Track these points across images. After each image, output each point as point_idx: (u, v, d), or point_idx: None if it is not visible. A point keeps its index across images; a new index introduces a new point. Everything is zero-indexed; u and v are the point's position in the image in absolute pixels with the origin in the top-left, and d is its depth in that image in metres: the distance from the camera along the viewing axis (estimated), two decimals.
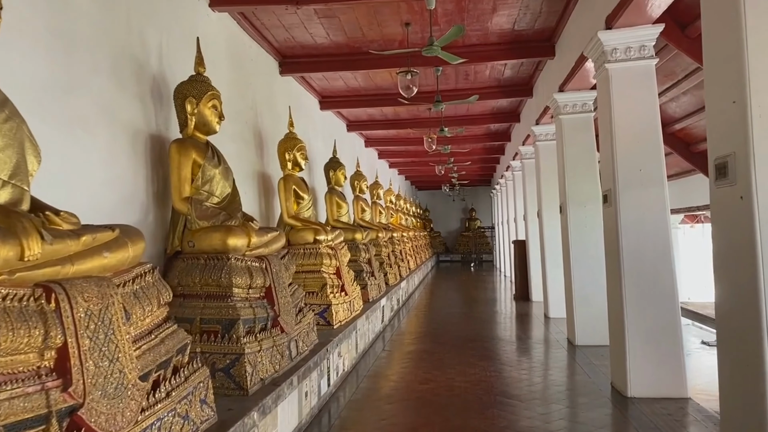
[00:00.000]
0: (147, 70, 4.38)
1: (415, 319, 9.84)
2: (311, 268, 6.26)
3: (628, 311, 5.03)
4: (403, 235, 14.96)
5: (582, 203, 7.27)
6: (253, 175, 6.59)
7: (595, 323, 7.10)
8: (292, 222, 6.60)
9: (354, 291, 7.03)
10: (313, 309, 5.97)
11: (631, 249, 5.04)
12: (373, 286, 8.56)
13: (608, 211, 5.32)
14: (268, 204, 7.03)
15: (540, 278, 10.89)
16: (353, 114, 11.76)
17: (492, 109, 11.77)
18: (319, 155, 9.56)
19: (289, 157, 6.73)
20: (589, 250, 7.18)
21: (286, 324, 4.30)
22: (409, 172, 22.00)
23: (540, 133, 9.61)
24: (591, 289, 7.12)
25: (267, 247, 4.44)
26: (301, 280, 6.23)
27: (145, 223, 4.17)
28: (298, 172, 6.89)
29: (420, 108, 11.08)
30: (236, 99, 6.23)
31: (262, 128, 7.02)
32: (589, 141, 7.35)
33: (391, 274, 10.68)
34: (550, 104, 7.77)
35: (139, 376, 2.46)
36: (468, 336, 7.99)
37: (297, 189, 6.71)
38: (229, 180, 4.50)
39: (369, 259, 8.90)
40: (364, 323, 7.00)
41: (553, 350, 7.07)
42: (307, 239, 6.41)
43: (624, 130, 5.12)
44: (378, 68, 7.73)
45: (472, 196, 28.66)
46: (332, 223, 8.79)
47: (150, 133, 4.36)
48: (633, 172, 5.07)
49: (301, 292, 5.08)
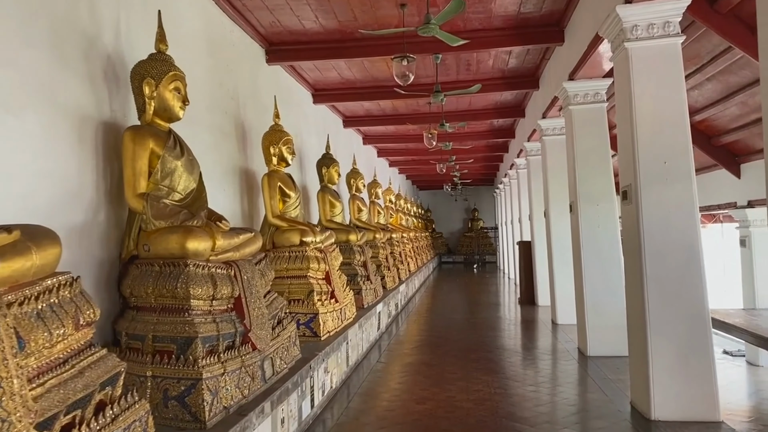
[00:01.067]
0: (99, 47, 3.80)
1: (414, 326, 9.25)
2: (297, 273, 5.68)
3: (651, 321, 4.44)
4: (402, 236, 14.37)
5: (594, 201, 6.67)
6: (234, 170, 6.01)
7: (609, 332, 6.51)
8: (276, 222, 6.01)
9: (346, 297, 6.45)
10: (298, 319, 5.40)
11: (654, 251, 4.45)
12: (369, 290, 7.98)
13: (628, 209, 4.72)
14: (252, 203, 6.45)
15: (547, 282, 10.31)
16: (349, 109, 11.17)
17: (495, 104, 11.17)
18: (312, 152, 8.98)
19: (274, 151, 6.15)
20: (603, 252, 6.59)
21: (260, 340, 3.72)
22: (410, 171, 21.41)
23: (547, 127, 9.01)
24: (604, 295, 6.53)
25: (238, 250, 3.86)
26: (285, 286, 5.66)
27: (93, 224, 3.59)
28: (285, 167, 6.31)
29: (419, 102, 10.51)
30: (214, 86, 5.65)
31: (246, 120, 6.44)
32: (602, 134, 6.74)
33: (389, 278, 10.09)
34: (558, 94, 7.17)
35: (37, 422, 1.87)
36: (471, 345, 7.40)
37: (283, 186, 6.13)
38: (194, 174, 3.91)
39: (364, 261, 8.31)
40: (356, 333, 6.42)
41: (562, 362, 6.47)
42: (293, 241, 5.82)
43: (646, 117, 4.52)
44: (372, 56, 7.15)
45: (474, 196, 28.05)
46: (325, 223, 8.21)
47: (102, 119, 3.78)
48: (657, 165, 4.47)
49: (281, 302, 4.49)
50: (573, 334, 7.82)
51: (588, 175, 6.71)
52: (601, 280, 6.57)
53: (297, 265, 5.66)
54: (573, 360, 6.50)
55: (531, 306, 11.11)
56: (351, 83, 9.14)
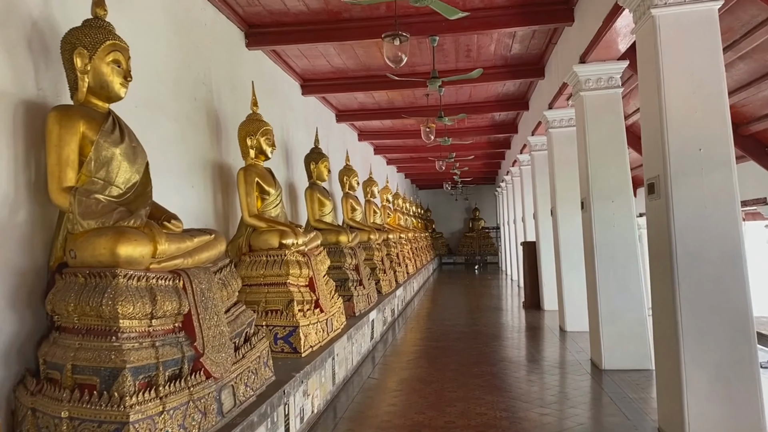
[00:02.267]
0: (21, 10, 3.14)
1: (411, 333, 8.58)
2: (275, 279, 5.01)
3: (684, 333, 3.77)
4: (400, 236, 13.71)
5: (609, 197, 6.00)
6: (205, 164, 5.35)
7: (626, 343, 5.87)
8: (253, 222, 5.35)
9: (334, 306, 5.78)
10: (276, 333, 4.74)
11: (688, 252, 3.79)
12: (361, 296, 7.31)
13: (655, 204, 4.05)
14: (228, 201, 5.79)
15: (553, 285, 9.68)
16: (342, 102, 10.51)
17: (497, 96, 10.50)
18: (301, 147, 8.32)
19: (251, 143, 5.49)
20: (619, 254, 5.93)
21: (216, 365, 3.05)
22: (409, 170, 20.74)
23: (554, 118, 8.34)
24: (622, 301, 5.87)
25: (191, 256, 3.19)
26: (262, 295, 5.00)
27: (10, 225, 2.93)
28: (264, 161, 5.65)
29: (416, 94, 9.85)
30: (180, 68, 4.99)
31: (221, 109, 5.78)
32: (617, 122, 6.08)
33: (384, 281, 9.42)
34: (568, 80, 6.50)
35: None
36: (472, 357, 6.73)
37: (261, 182, 5.47)
38: (137, 164, 3.24)
39: (356, 265, 7.65)
40: (345, 346, 5.75)
41: (574, 376, 5.80)
42: (271, 243, 5.16)
43: (677, 97, 3.85)
44: (361, 38, 6.47)
45: (475, 195, 27.36)
46: (313, 223, 7.55)
47: (24, 98, 3.12)
48: (690, 153, 3.80)
49: (248, 316, 3.82)
50: (584, 343, 7.15)
51: (602, 169, 6.04)
52: (618, 285, 5.91)
53: (275, 270, 4.99)
54: (586, 374, 5.83)
55: (536, 311, 10.44)
56: (342, 72, 8.47)
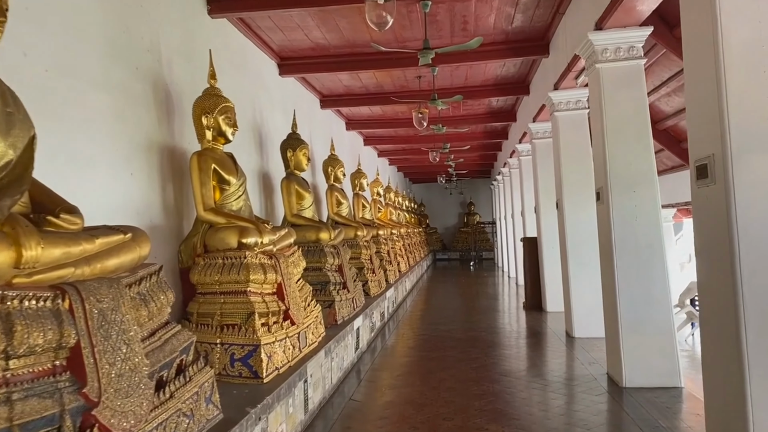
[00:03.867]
0: None
1: (402, 342, 7.71)
2: (233, 287, 4.13)
3: (750, 355, 2.91)
4: (392, 232, 12.84)
5: (630, 186, 5.15)
6: (150, 147, 4.44)
7: (651, 356, 5.04)
8: (209, 217, 4.46)
9: (309, 315, 4.91)
10: (232, 353, 3.86)
11: (752, 249, 2.92)
12: (345, 301, 6.44)
13: (708, 192, 3.18)
14: (181, 193, 4.88)
15: (557, 285, 8.86)
16: (326, 86, 9.60)
17: (495, 79, 9.62)
18: (278, 132, 7.42)
19: (207, 122, 4.60)
20: (642, 252, 5.08)
21: (121, 415, 2.16)
22: (402, 163, 19.85)
23: (560, 100, 7.47)
24: (646, 308, 5.02)
25: (90, 264, 2.29)
26: (217, 305, 4.12)
27: None
28: (223, 144, 4.76)
29: (407, 76, 8.96)
30: (116, 30, 4.08)
31: (172, 83, 4.87)
32: (640, 98, 5.22)
33: (372, 282, 8.56)
34: (580, 51, 5.63)
35: None
36: (470, 371, 5.86)
37: (219, 169, 4.58)
38: (13, 136, 2.32)
39: (340, 265, 6.77)
40: (322, 363, 4.87)
41: (591, 396, 4.94)
42: (229, 243, 4.27)
43: (739, 53, 2.98)
44: (340, 2, 5.57)
45: (470, 189, 26.49)
46: (290, 219, 6.66)
47: None
48: (759, 125, 2.94)
49: (185, 338, 2.93)
50: (596, 353, 6.33)
51: (622, 153, 5.18)
52: (641, 288, 5.06)
53: (232, 276, 4.10)
54: (604, 393, 4.99)
55: (538, 312, 9.61)
56: (324, 49, 7.57)
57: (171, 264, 4.54)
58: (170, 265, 4.53)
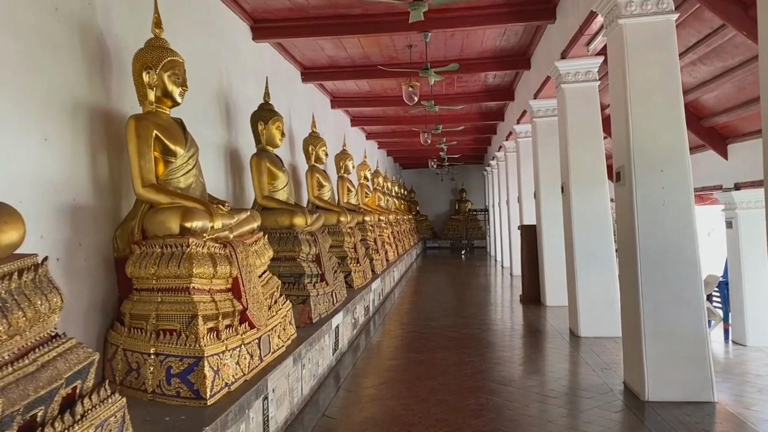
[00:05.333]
0: None
1: (388, 340, 6.92)
2: (172, 282, 3.29)
3: None
4: (380, 218, 12.02)
5: (657, 165, 4.37)
6: (76, 108, 3.56)
7: (680, 366, 4.29)
8: (149, 196, 3.62)
9: (276, 316, 4.09)
10: (169, 366, 3.04)
11: None
12: (322, 296, 5.63)
13: None
14: (119, 166, 4.02)
15: (558, 277, 8.19)
16: (307, 56, 8.71)
17: (494, 51, 8.77)
18: (251, 105, 6.54)
19: (149, 78, 3.75)
20: (671, 245, 4.32)
21: None
22: (392, 146, 19.01)
23: (569, 71, 6.66)
24: (676, 310, 4.28)
25: None
26: (153, 306, 3.28)
27: None
28: (170, 107, 3.91)
29: (396, 45, 8.12)
30: None
31: (110, 34, 3.99)
32: (670, 59, 4.41)
33: (356, 274, 7.76)
34: (597, 7, 4.80)
35: None
36: (465, 379, 5.08)
37: (163, 136, 3.73)
38: None
39: (317, 254, 5.95)
40: (289, 372, 4.06)
41: (609, 412, 4.17)
42: (169, 227, 3.44)
43: None
44: None
45: (462, 175, 25.68)
46: (261, 201, 5.84)
47: None
48: None
49: (69, 363, 2.09)
50: (608, 356, 5.59)
51: (650, 126, 4.38)
52: (669, 289, 4.30)
53: (171, 269, 3.26)
54: (623, 408, 4.23)
55: (536, 306, 8.87)
56: (303, 10, 6.68)
57: (105, 252, 3.71)
58: (104, 253, 3.70)
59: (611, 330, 6.40)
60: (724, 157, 7.37)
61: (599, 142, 6.58)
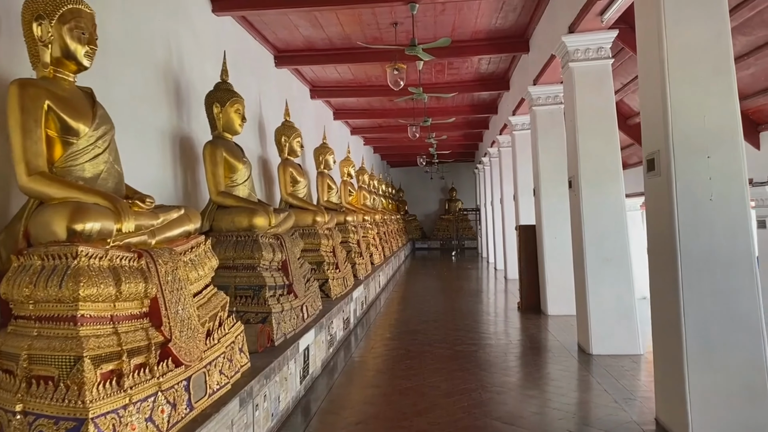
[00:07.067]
0: None
1: (370, 360, 5.96)
2: (53, 309, 2.33)
3: None
4: (364, 219, 11.10)
5: (703, 149, 3.47)
6: None
7: (735, 400, 3.42)
8: (36, 188, 2.66)
9: (219, 343, 3.14)
10: (40, 430, 2.08)
11: None
12: (288, 312, 4.68)
13: None
14: (4, 153, 3.06)
15: (559, 282, 7.50)
16: (280, 37, 7.74)
17: (488, 32, 7.87)
18: (208, 85, 5.58)
19: (42, 32, 2.83)
20: (721, 249, 3.43)
21: None
22: (378, 143, 18.05)
23: (578, 47, 5.76)
24: (726, 331, 3.43)
25: None
26: (25, 342, 2.33)
27: None
28: (74, 73, 2.96)
29: (380, 22, 7.20)
30: None
31: None
32: (721, 19, 3.52)
33: (335, 281, 6.82)
34: None
35: None
36: (459, 416, 4.13)
37: (61, 111, 2.80)
38: None
39: (284, 261, 4.99)
40: (234, 421, 3.08)
41: None
42: (55, 231, 2.47)
43: None
44: None
45: (452, 174, 24.78)
46: (216, 198, 4.90)
47: None
48: None
49: None
50: (629, 381, 4.73)
51: (693, 100, 3.49)
52: (719, 304, 3.41)
53: (50, 290, 2.30)
54: None
55: (536, 315, 7.98)
56: None
57: None
58: None
59: (628, 347, 5.56)
60: (756, 147, 6.51)
61: (613, 129, 5.70)
